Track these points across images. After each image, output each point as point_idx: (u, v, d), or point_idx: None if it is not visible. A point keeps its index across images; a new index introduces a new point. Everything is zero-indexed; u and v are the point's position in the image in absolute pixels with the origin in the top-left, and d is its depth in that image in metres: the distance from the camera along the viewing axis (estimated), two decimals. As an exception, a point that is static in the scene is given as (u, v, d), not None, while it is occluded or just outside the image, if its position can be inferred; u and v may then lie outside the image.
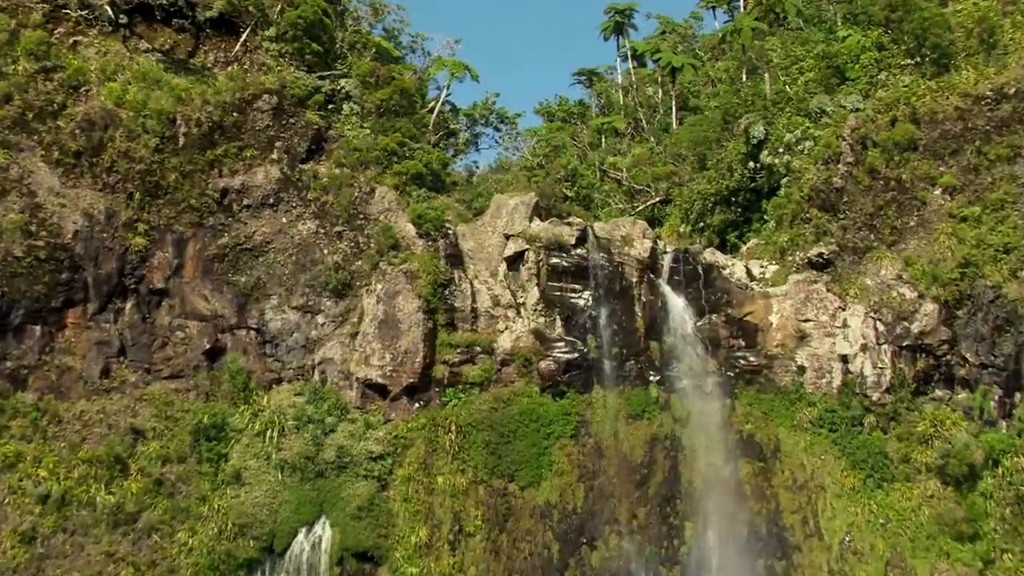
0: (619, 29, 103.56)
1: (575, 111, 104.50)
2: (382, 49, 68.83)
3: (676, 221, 74.38)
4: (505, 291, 57.19)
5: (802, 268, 57.34)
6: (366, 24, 70.53)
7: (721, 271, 58.54)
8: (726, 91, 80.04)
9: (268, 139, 56.89)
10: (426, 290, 54.59)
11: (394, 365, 54.16)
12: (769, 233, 61.60)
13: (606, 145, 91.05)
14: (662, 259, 58.65)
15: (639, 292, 57.17)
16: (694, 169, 73.21)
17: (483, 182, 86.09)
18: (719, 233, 67.67)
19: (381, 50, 68.71)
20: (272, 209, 56.29)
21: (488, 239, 58.85)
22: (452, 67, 70.91)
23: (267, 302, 55.51)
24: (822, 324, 55.78)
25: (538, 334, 56.14)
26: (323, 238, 56.54)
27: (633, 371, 56.22)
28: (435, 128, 71.94)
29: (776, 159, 61.73)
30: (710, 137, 71.56)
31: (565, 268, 56.71)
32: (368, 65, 61.78)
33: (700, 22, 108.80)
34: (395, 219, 57.21)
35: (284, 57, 59.79)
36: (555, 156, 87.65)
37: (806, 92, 63.35)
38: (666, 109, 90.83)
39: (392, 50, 71.73)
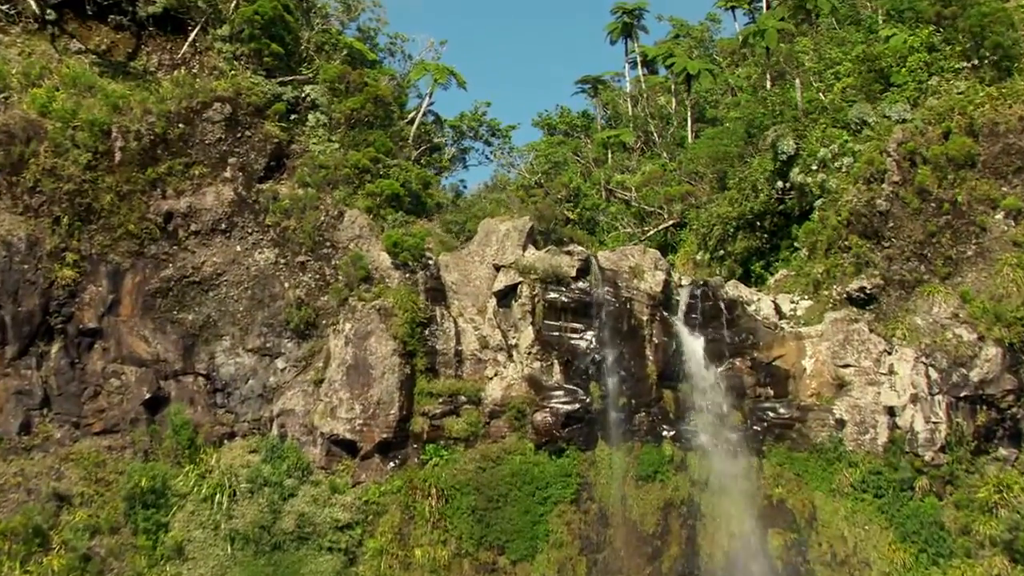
0: (627, 32, 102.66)
1: (578, 123, 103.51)
2: (355, 51, 66.06)
3: (692, 247, 72.87)
4: (494, 331, 55.03)
5: (840, 304, 55.49)
6: (337, 23, 67.69)
7: (746, 307, 56.94)
8: (749, 100, 78.81)
9: (220, 155, 54.70)
10: (402, 330, 52.31)
11: (365, 418, 51.95)
12: (801, 263, 60.03)
13: (613, 161, 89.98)
14: (677, 294, 57.14)
15: (650, 332, 55.20)
16: (713, 189, 71.35)
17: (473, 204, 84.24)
18: (742, 262, 66.00)
19: (354, 52, 65.93)
20: (224, 236, 54.03)
21: (475, 270, 56.73)
22: (435, 72, 67.88)
23: (218, 344, 53.24)
24: (864, 370, 53.92)
25: (533, 381, 53.94)
26: (283, 269, 54.44)
27: (643, 425, 54.41)
28: (415, 142, 69.13)
29: (809, 178, 60.11)
30: (731, 152, 69.52)
31: (564, 304, 54.75)
32: (337, 69, 58.97)
33: (717, 24, 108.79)
34: (367, 247, 55.14)
35: (239, 60, 57.51)
36: (555, 174, 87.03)
37: (843, 100, 61.56)
38: (680, 121, 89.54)
39: (367, 52, 68.96)
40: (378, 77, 64.79)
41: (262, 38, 57.88)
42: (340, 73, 58.74)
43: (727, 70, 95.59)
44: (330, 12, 65.04)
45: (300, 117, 58.70)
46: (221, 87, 55.34)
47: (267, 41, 57.84)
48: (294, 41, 61.26)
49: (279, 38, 58.97)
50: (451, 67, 68.68)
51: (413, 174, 60.47)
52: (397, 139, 62.85)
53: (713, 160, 71.92)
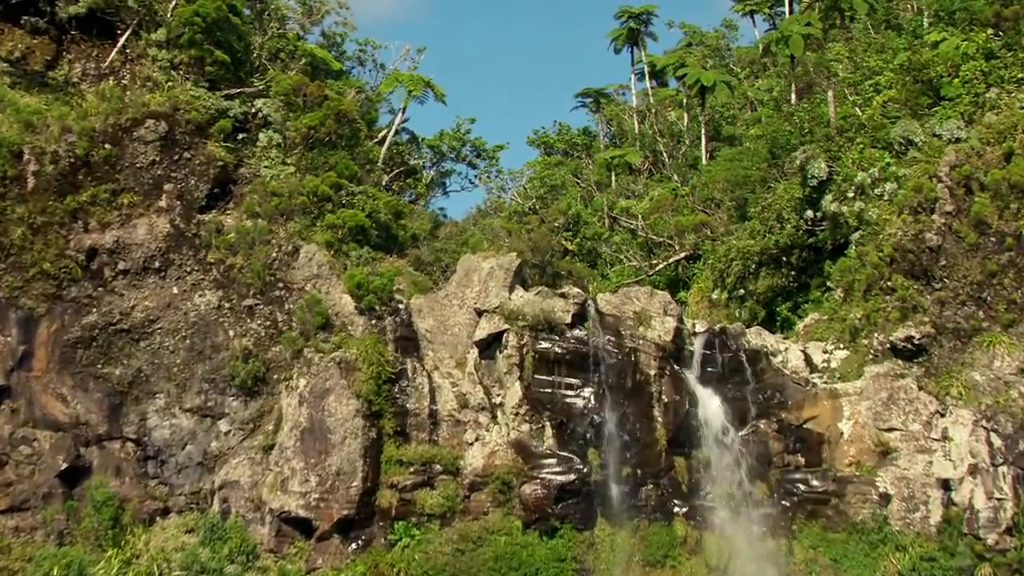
0: (633, 39, 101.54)
1: (578, 141, 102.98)
2: (318, 60, 63.76)
3: (707, 284, 70.21)
4: (476, 387, 52.99)
5: (883, 356, 52.95)
6: (296, 27, 65.41)
7: (771, 359, 54.62)
8: (772, 116, 77.03)
9: (153, 180, 52.89)
10: (367, 387, 50.28)
11: (322, 491, 50.14)
12: (835, 306, 57.83)
13: (617, 184, 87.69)
14: (690, 343, 54.93)
15: (659, 389, 53.05)
16: (731, 218, 68.98)
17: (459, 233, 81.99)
18: (766, 303, 63.60)
19: (316, 61, 63.68)
20: (158, 276, 52.22)
21: (454, 316, 54.54)
22: (409, 84, 65.34)
23: (150, 403, 51.40)
24: (913, 435, 51.27)
25: (520, 447, 51.99)
26: (228, 315, 52.69)
27: (651, 499, 52.42)
28: (386, 165, 66.60)
29: (844, 207, 57.97)
30: (752, 177, 67.20)
31: (558, 356, 53.01)
32: (292, 80, 56.38)
33: (734, 31, 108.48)
34: (326, 289, 53.25)
35: (177, 69, 55.70)
36: (552, 199, 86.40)
37: (884, 116, 59.42)
38: (693, 139, 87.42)
39: (331, 61, 66.38)
40: (343, 89, 63.07)
41: (204, 44, 55.93)
42: (295, 85, 56.47)
43: (746, 82, 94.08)
44: (288, 15, 62.63)
45: (249, 136, 56.98)
46: (156, 101, 53.70)
47: (210, 48, 55.84)
48: (244, 48, 59.58)
49: (225, 44, 57.18)
50: (428, 78, 66.56)
51: (382, 202, 58.13)
52: (364, 162, 60.78)
53: (731, 185, 69.46)
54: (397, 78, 66.65)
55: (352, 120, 59.16)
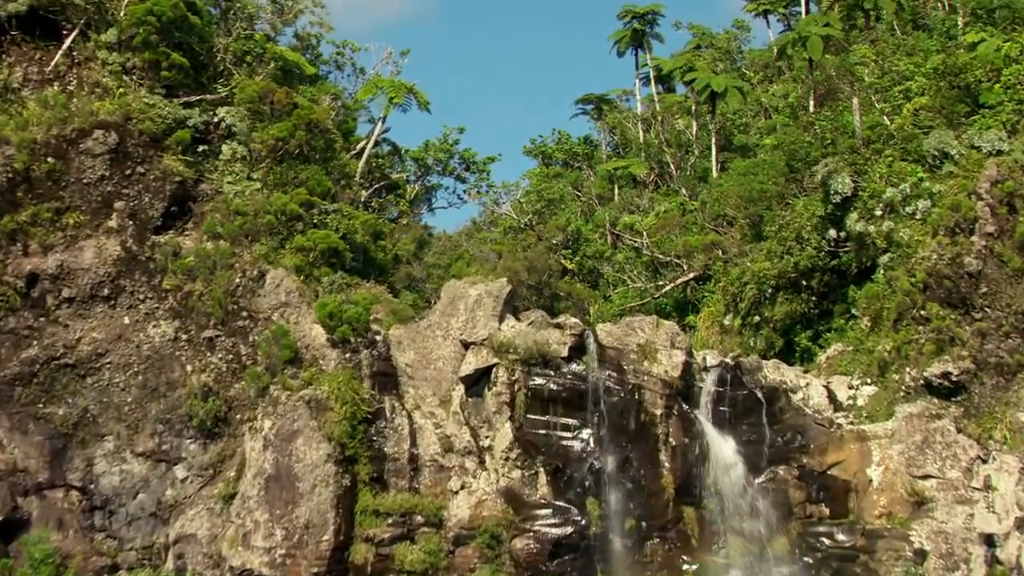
0: (638, 41, 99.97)
1: (579, 151, 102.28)
2: (290, 63, 61.82)
3: (719, 308, 68.83)
4: (461, 429, 51.08)
5: (916, 394, 50.49)
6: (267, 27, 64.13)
7: (790, 396, 52.43)
8: (789, 125, 75.13)
9: (103, 198, 51.63)
10: (340, 428, 48.33)
11: (289, 546, 48.28)
12: (861, 336, 55.75)
13: (620, 198, 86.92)
14: (701, 379, 52.59)
15: (666, 431, 50.95)
16: (745, 238, 67.09)
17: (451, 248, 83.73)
18: (783, 331, 61.83)
19: (289, 65, 61.80)
20: (108, 304, 50.92)
21: (437, 348, 52.74)
22: (390, 90, 63.19)
23: (98, 447, 49.96)
24: (951, 484, 48.68)
25: (511, 496, 50.17)
26: (185, 348, 51.30)
27: (658, 555, 50.48)
28: (365, 180, 64.94)
29: (871, 226, 56.29)
30: (768, 192, 65.23)
31: (553, 393, 50.90)
32: (257, 86, 54.42)
33: (746, 33, 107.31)
34: (295, 319, 51.46)
35: (130, 74, 54.36)
36: (550, 214, 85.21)
37: (916, 126, 57.63)
38: (703, 149, 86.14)
39: (305, 65, 63.91)
40: (318, 96, 61.64)
41: (160, 46, 54.37)
42: (262, 91, 54.61)
43: (759, 87, 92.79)
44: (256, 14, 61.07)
45: (211, 148, 55.61)
46: (105, 109, 52.44)
47: (166, 50, 54.22)
48: (206, 50, 57.97)
49: (184, 46, 55.88)
50: (410, 84, 64.61)
51: (359, 222, 56.47)
52: (339, 176, 59.01)
53: (745, 201, 67.46)
54: (377, 84, 64.69)
55: (326, 130, 57.47)
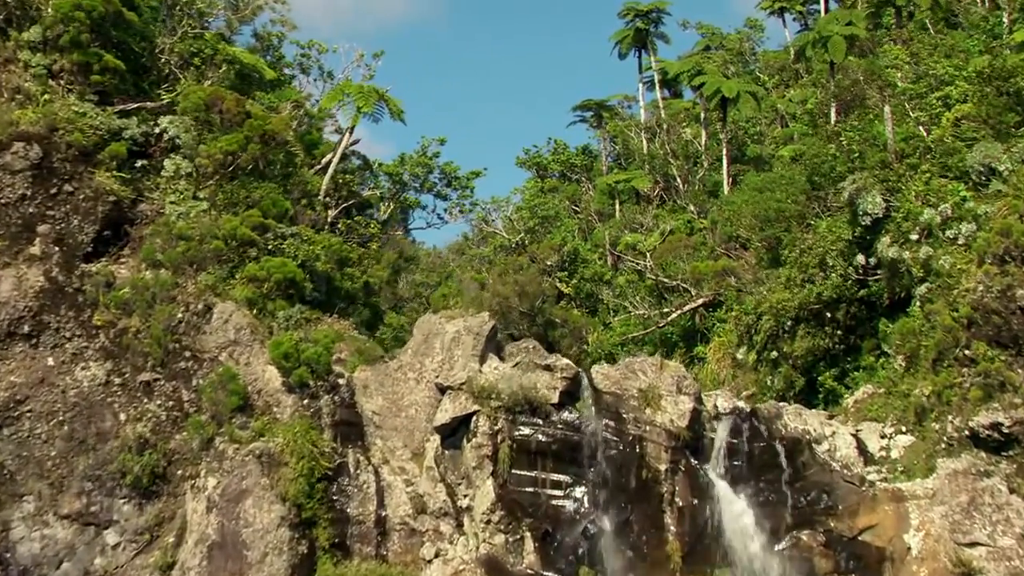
0: (641, 42, 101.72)
1: (577, 162, 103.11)
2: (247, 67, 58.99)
3: (731, 338, 67.02)
4: (436, 486, 48.13)
5: (961, 447, 47.27)
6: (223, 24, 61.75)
7: (814, 448, 49.15)
8: (808, 134, 74.47)
9: (23, 220, 49.01)
10: (296, 487, 45.32)
11: None
12: (894, 377, 52.94)
13: (622, 215, 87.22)
14: (711, 428, 49.54)
15: (671, 489, 47.93)
16: (761, 262, 64.86)
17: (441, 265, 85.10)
18: (804, 369, 59.11)
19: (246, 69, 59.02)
20: (28, 343, 48.12)
21: (409, 393, 49.74)
22: (357, 97, 59.94)
23: (15, 508, 46.93)
24: (1003, 553, 45.27)
25: (493, 565, 47.25)
26: (119, 393, 48.33)
27: None
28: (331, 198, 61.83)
29: (905, 251, 53.78)
30: (787, 211, 62.81)
31: (542, 445, 47.98)
32: (203, 92, 51.42)
33: (760, 33, 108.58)
34: (246, 359, 48.74)
35: (58, 78, 51.44)
36: (545, 232, 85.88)
37: (958, 138, 55.23)
38: (713, 161, 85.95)
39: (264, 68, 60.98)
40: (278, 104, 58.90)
41: (92, 46, 51.10)
42: (209, 98, 51.41)
43: (774, 92, 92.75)
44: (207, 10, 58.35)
45: (152, 164, 52.54)
46: (27, 118, 49.46)
47: (99, 51, 51.00)
48: (148, 52, 55.32)
49: (120, 46, 53.19)
50: (382, 89, 61.16)
51: (321, 247, 53.39)
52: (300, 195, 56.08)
53: (760, 221, 65.07)
54: (343, 90, 61.43)
55: (284, 143, 54.54)
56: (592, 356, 69.45)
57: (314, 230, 55.05)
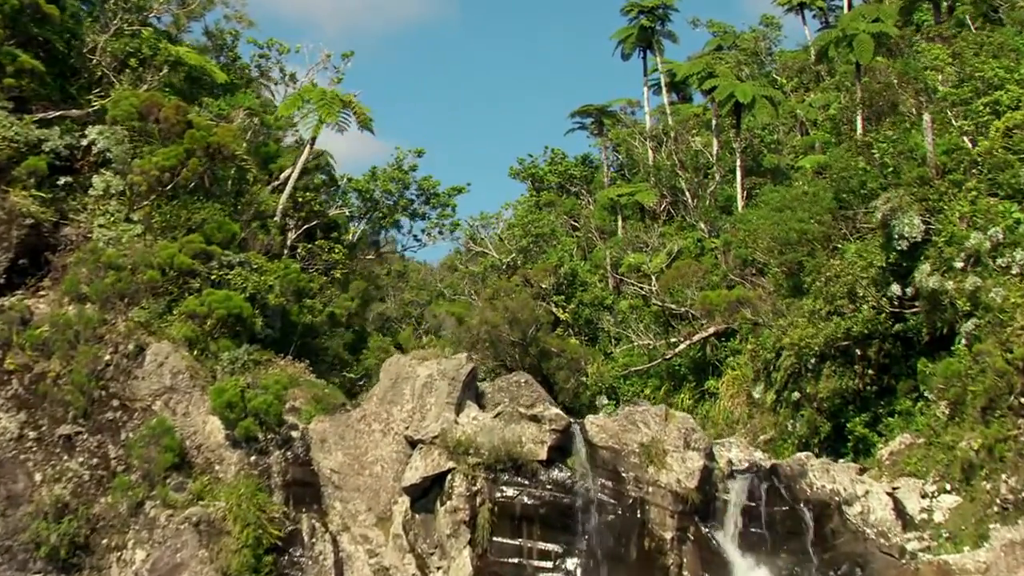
0: (646, 41, 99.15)
1: (576, 173, 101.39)
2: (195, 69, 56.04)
3: (746, 373, 64.24)
4: (405, 557, 45.75)
5: (1017, 510, 43.60)
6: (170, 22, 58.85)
7: (845, 511, 45.87)
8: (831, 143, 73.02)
9: None
10: (240, 560, 42.62)
11: None
12: (937, 426, 49.50)
13: (626, 232, 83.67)
14: (725, 490, 46.53)
15: (679, 560, 45.11)
16: (781, 290, 61.58)
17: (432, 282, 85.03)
18: (831, 413, 55.74)
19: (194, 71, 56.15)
20: None
21: (374, 448, 47.20)
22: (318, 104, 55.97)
23: None
24: None
25: None
26: (34, 450, 45.45)
27: None
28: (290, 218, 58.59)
29: (948, 281, 50.71)
30: (811, 232, 59.78)
31: (528, 509, 45.71)
32: (138, 98, 48.32)
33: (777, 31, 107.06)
34: (184, 409, 46.16)
35: None
36: (539, 252, 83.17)
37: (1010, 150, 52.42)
38: (726, 173, 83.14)
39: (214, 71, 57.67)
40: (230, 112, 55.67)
41: (6, 44, 48.88)
42: (143, 105, 48.30)
43: (793, 96, 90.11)
44: (145, 4, 55.43)
45: (77, 181, 50.47)
46: None
47: (13, 50, 48.86)
48: (75, 50, 52.64)
49: (43, 45, 50.78)
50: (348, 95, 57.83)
51: (274, 277, 49.95)
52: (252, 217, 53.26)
53: (780, 244, 61.88)
54: (303, 96, 57.59)
55: (233, 156, 51.28)
56: (592, 389, 67.89)
57: (267, 257, 52.12)
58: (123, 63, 53.14)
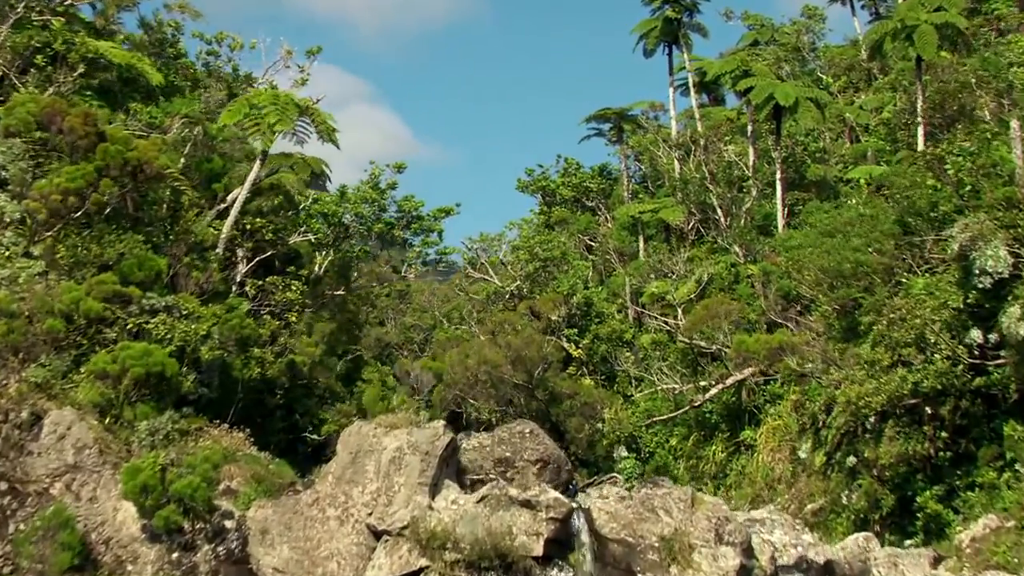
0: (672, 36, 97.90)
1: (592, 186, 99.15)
2: (125, 68, 50.89)
3: (789, 424, 60.77)
4: None
5: None
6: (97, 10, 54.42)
7: None
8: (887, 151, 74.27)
9: None
10: None
11: None
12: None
13: (648, 256, 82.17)
14: None
15: None
16: (832, 333, 56.95)
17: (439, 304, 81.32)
18: (895, 484, 51.34)
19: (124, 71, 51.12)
20: None
21: (328, 540, 41.42)
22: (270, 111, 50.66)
23: None
24: None
25: None
26: None
27: None
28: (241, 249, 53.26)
29: None
30: (869, 264, 55.13)
31: None
32: (36, 104, 42.98)
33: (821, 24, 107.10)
34: (90, 492, 40.67)
35: None
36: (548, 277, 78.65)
37: None
38: (764, 187, 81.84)
39: (148, 71, 52.35)
40: (164, 119, 51.39)
41: None
42: (43, 113, 43.05)
43: (841, 98, 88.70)
44: None
45: None
46: None
47: None
48: None
49: None
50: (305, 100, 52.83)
51: (209, 324, 44.46)
52: (186, 249, 47.53)
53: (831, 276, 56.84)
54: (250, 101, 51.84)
55: (159, 176, 45.50)
56: (609, 439, 64.16)
57: (204, 298, 46.65)
58: (28, 61, 48.57)
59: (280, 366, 49.76)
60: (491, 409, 62.27)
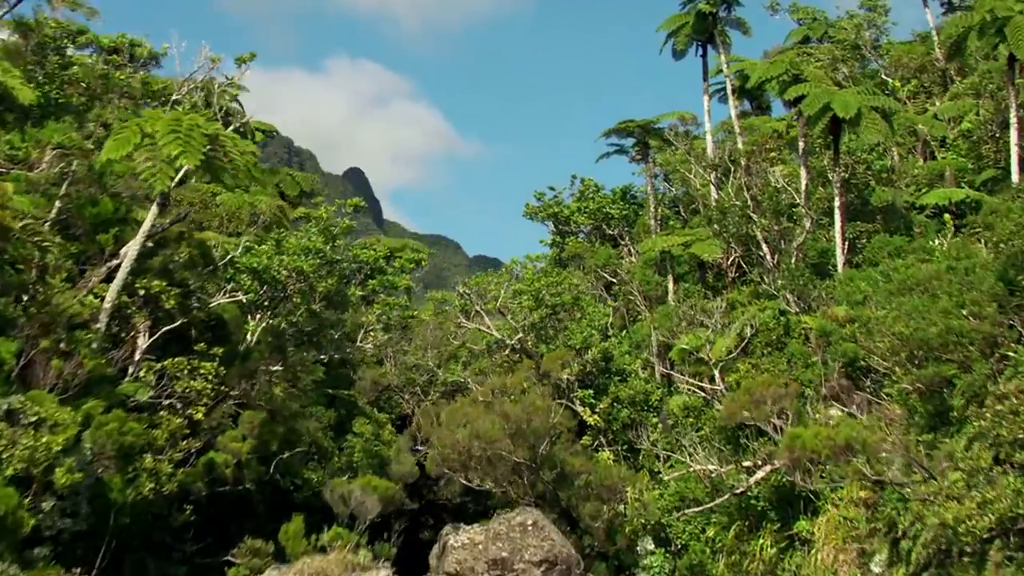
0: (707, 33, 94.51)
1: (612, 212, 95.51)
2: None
3: (854, 513, 53.19)
4: None
5: None
6: None
7: None
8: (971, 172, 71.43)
9: None
10: None
11: None
12: None
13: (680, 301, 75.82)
14: None
15: None
16: (915, 421, 49.25)
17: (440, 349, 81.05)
18: None
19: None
20: None
21: None
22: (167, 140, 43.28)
23: None
24: None
25: None
26: None
27: None
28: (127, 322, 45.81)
29: None
30: (963, 334, 47.31)
31: None
32: None
33: (883, 17, 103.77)
34: None
35: None
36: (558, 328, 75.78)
37: None
38: (819, 216, 76.71)
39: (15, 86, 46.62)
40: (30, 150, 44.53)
41: None
42: None
43: (911, 105, 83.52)
44: None
45: None
46: None
47: None
48: None
49: None
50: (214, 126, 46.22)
51: (70, 433, 36.17)
52: (44, 328, 39.24)
53: (912, 346, 48.70)
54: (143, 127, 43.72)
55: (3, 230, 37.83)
56: (632, 526, 60.06)
57: (67, 395, 38.23)
58: None
59: (194, 473, 41.52)
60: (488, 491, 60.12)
